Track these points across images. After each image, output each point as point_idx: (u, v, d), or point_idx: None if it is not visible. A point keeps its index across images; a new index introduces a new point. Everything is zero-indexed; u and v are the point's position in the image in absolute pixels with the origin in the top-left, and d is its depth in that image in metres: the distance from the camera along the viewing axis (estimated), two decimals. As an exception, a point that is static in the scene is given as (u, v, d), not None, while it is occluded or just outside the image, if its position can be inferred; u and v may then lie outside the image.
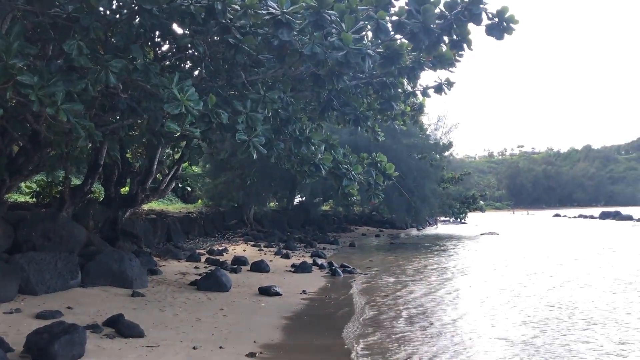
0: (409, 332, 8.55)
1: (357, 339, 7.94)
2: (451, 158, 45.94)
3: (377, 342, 7.83)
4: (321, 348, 7.55)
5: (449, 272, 16.34)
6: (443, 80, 9.41)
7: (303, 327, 8.70)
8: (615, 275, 14.93)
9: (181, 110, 6.36)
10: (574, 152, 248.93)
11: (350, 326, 8.80)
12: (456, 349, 7.56)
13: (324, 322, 9.11)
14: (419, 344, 7.81)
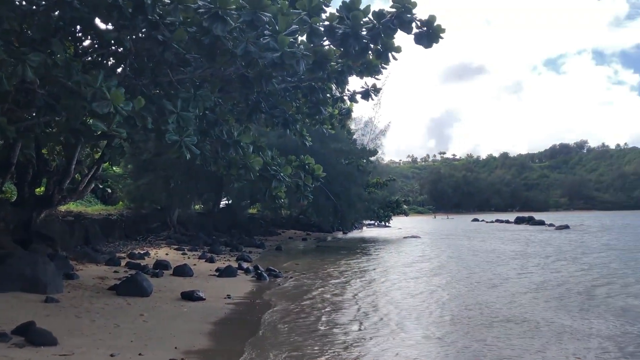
0: (330, 335, 8.61)
1: (270, 343, 7.91)
2: (377, 163, 46.90)
3: (291, 344, 7.83)
4: (243, 353, 7.46)
5: (372, 274, 16.66)
6: (370, 87, 9.59)
7: (226, 332, 8.57)
8: (527, 278, 15.75)
9: (110, 110, 6.10)
10: (492, 159, 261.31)
11: (267, 329, 8.78)
12: (376, 350, 7.69)
13: (248, 327, 9.01)
14: (342, 346, 7.89)
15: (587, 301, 11.77)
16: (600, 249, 25.68)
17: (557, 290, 13.27)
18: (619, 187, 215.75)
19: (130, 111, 6.44)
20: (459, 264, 19.70)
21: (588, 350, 7.69)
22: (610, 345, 8.01)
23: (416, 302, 11.81)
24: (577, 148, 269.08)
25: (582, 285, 13.99)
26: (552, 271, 17.30)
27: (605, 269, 17.68)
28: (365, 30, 7.23)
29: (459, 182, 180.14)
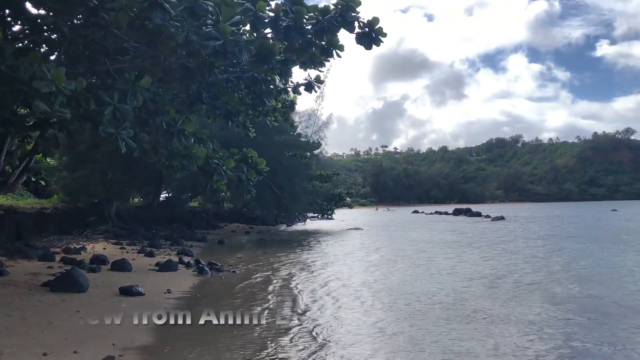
0: (272, 327, 8.61)
1: (210, 339, 7.84)
2: (321, 156, 47.14)
3: (232, 338, 7.79)
4: (184, 349, 7.34)
5: (315, 266, 16.77)
6: (313, 78, 9.60)
7: (167, 327, 8.41)
8: (463, 267, 16.28)
9: (51, 89, 5.81)
10: (431, 153, 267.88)
11: (209, 324, 8.69)
12: (319, 340, 7.75)
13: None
14: (283, 338, 7.90)
15: (518, 289, 12.30)
16: (533, 239, 26.86)
17: (491, 279, 13.81)
18: (551, 180, 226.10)
19: (72, 91, 6.17)
20: (399, 255, 20.15)
21: (520, 336, 8.03)
22: (541, 330, 8.39)
23: (357, 291, 11.99)
24: (513, 142, 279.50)
25: (515, 274, 14.62)
26: (486, 260, 18.00)
27: (537, 258, 18.53)
28: (309, 26, 7.22)
29: (400, 175, 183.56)
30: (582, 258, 18.52)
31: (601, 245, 22.83)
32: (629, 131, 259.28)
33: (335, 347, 7.51)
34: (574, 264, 16.83)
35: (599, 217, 56.41)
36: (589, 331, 8.36)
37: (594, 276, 14.20)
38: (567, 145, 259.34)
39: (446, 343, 7.71)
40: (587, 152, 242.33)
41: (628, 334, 8.16)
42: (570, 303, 10.61)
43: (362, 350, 7.40)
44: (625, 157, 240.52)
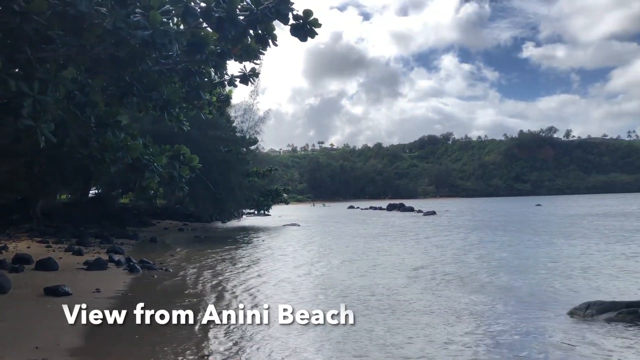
0: (205, 327, 8.46)
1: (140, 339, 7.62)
2: (257, 152, 46.72)
3: (163, 338, 7.60)
4: (111, 351, 7.09)
5: (251, 263, 16.63)
6: (249, 71, 9.46)
7: (94, 328, 8.07)
8: (397, 260, 16.64)
9: None
10: (367, 149, 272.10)
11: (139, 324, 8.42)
12: (257, 339, 7.69)
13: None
14: (217, 337, 7.78)
15: (443, 279, 12.71)
16: (461, 233, 27.84)
17: (419, 270, 14.23)
18: (480, 176, 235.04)
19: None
20: (332, 249, 20.37)
21: (445, 325, 8.27)
22: (472, 319, 8.68)
23: (290, 286, 11.99)
24: (444, 139, 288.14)
25: (442, 265, 15.10)
26: (416, 252, 18.53)
27: (462, 250, 19.23)
28: (242, 16, 7.10)
29: (337, 171, 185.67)
30: (504, 250, 19.40)
31: (524, 237, 23.96)
32: (552, 129, 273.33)
33: (266, 342, 7.47)
34: (496, 255, 17.63)
35: (525, 211, 59.12)
36: (507, 319, 8.71)
37: (515, 267, 14.87)
38: (495, 143, 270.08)
39: (378, 335, 7.82)
40: (514, 150, 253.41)
41: (542, 322, 8.56)
42: (491, 292, 11.05)
43: (293, 344, 7.39)
44: (548, 154, 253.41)
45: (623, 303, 8.76)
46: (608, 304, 8.81)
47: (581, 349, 7.00)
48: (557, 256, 17.41)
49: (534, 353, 6.88)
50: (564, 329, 8.09)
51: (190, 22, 7.01)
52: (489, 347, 7.18)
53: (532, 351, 6.96)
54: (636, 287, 11.42)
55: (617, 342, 7.23)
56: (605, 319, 8.35)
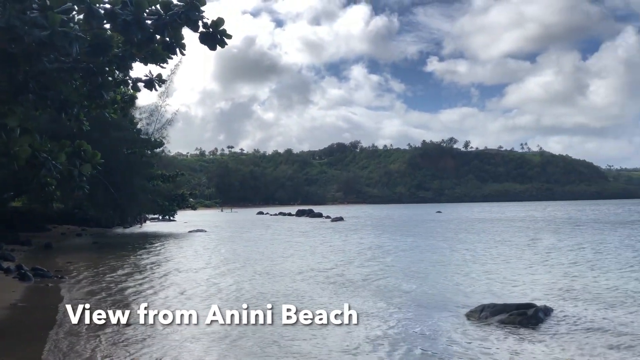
0: (102, 337, 8.16)
1: (32, 349, 7.24)
2: (163, 155, 45.35)
3: (59, 351, 7.26)
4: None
5: (152, 271, 16.11)
6: (154, 76, 9.23)
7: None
8: (303, 264, 16.81)
9: None
10: (277, 155, 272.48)
11: (30, 335, 7.98)
12: (155, 350, 7.51)
13: (4, 334, 8.03)
14: (115, 348, 7.52)
15: (349, 283, 13.02)
16: (365, 237, 28.60)
17: (324, 275, 14.48)
18: (385, 183, 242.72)
19: None
20: (241, 256, 20.23)
21: (350, 329, 8.49)
22: (371, 323, 8.97)
23: (197, 295, 11.78)
24: (352, 147, 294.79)
25: (349, 270, 15.44)
26: (324, 257, 18.80)
27: (368, 255, 19.76)
28: (150, 20, 6.94)
29: (246, 176, 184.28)
30: (405, 254, 20.23)
31: (424, 242, 25.04)
32: (452, 140, 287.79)
33: (165, 351, 7.32)
34: (397, 260, 18.36)
35: (426, 217, 61.78)
36: (406, 323, 9.06)
37: (414, 270, 15.48)
38: (400, 152, 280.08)
39: (288, 343, 7.88)
40: (417, 159, 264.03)
41: (441, 325, 9.03)
42: (390, 296, 11.44)
43: (191, 354, 7.30)
44: (449, 163, 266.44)
45: (513, 305, 9.40)
46: (500, 306, 9.43)
47: (476, 351, 7.41)
48: (454, 259, 18.36)
49: (432, 356, 7.21)
50: (461, 331, 8.52)
51: (94, 24, 6.75)
52: (387, 350, 7.42)
53: (430, 354, 7.27)
54: (524, 289, 12.28)
55: (508, 343, 7.74)
56: (498, 320, 8.92)
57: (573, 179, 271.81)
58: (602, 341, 7.71)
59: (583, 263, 16.82)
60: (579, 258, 18.21)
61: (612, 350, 7.23)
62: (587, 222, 44.51)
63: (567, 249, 21.52)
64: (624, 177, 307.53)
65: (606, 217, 54.17)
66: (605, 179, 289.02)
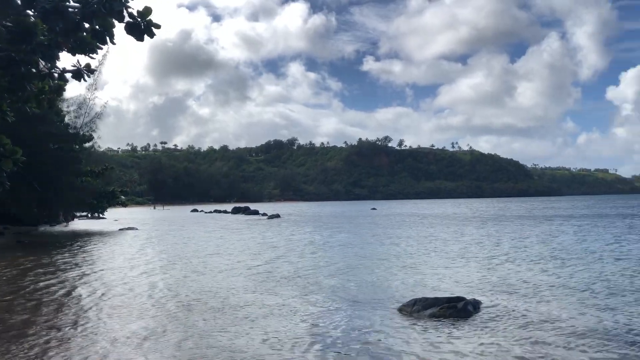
0: (24, 340, 7.76)
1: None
2: (92, 150, 43.56)
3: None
4: None
5: (79, 271, 15.46)
6: (83, 66, 8.84)
7: None
8: (235, 263, 16.65)
9: None
10: (212, 151, 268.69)
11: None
12: (83, 353, 7.22)
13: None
14: (38, 350, 7.17)
15: (281, 279, 13.02)
16: (300, 234, 28.71)
17: (256, 272, 14.45)
18: (322, 180, 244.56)
19: None
20: (170, 254, 19.78)
21: (282, 326, 8.50)
22: (304, 319, 9.00)
23: (128, 296, 11.42)
24: (289, 144, 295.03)
25: (281, 266, 15.43)
26: (257, 254, 18.67)
27: (304, 252, 19.83)
28: (73, 9, 6.63)
29: (180, 173, 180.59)
30: (339, 249, 20.38)
31: (358, 238, 25.42)
32: (387, 139, 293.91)
33: (100, 355, 7.06)
34: (331, 255, 18.48)
35: (361, 214, 62.74)
36: (339, 319, 9.13)
37: (348, 265, 15.65)
38: (336, 150, 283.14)
39: (217, 339, 7.77)
40: (353, 157, 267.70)
41: (373, 320, 9.19)
42: (324, 292, 11.52)
43: (127, 356, 7.08)
44: (383, 161, 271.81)
45: (444, 299, 9.68)
46: (432, 299, 9.68)
47: (408, 344, 7.57)
48: (386, 255, 18.70)
49: (364, 351, 7.27)
50: (393, 325, 8.67)
51: (10, 11, 6.38)
52: (320, 346, 7.43)
53: (362, 349, 7.33)
54: (455, 282, 12.66)
55: (438, 336, 7.94)
56: (429, 314, 9.15)
57: (501, 177, 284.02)
58: (528, 331, 8.07)
59: (509, 257, 17.57)
60: (505, 252, 19.00)
61: (538, 340, 7.58)
62: (511, 218, 46.62)
63: (494, 244, 22.43)
64: (547, 176, 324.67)
65: (529, 213, 56.94)
66: (531, 177, 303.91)
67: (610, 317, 8.92)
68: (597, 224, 35.81)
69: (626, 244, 21.22)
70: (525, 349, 7.17)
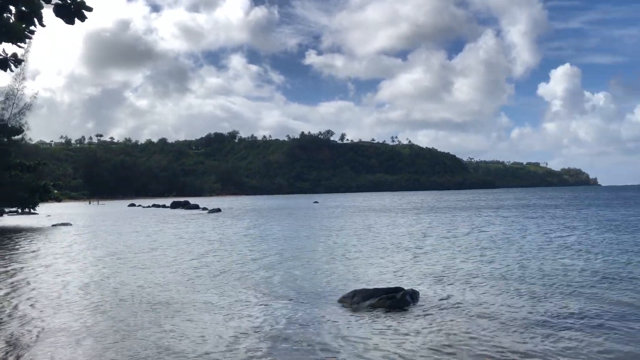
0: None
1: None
2: (23, 143, 41.57)
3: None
4: None
5: (9, 269, 14.80)
6: (9, 55, 8.42)
7: None
8: (172, 259, 16.36)
9: None
10: (150, 144, 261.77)
11: None
12: (23, 353, 6.92)
13: None
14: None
15: (224, 276, 12.90)
16: (241, 228, 28.51)
17: (194, 266, 14.31)
18: (264, 174, 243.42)
19: None
20: (107, 251, 19.19)
21: (222, 321, 8.44)
22: (248, 315, 8.97)
23: (58, 292, 11.03)
24: (230, 137, 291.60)
25: (223, 262, 15.30)
26: (198, 249, 18.41)
27: (244, 246, 19.73)
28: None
29: (117, 167, 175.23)
30: (281, 243, 20.37)
31: (301, 231, 25.50)
32: (329, 132, 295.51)
33: (33, 354, 6.80)
34: (273, 249, 18.40)
35: (303, 207, 62.89)
36: (282, 313, 9.17)
37: (290, 259, 15.70)
38: (279, 143, 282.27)
39: (148, 335, 7.62)
40: (296, 150, 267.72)
41: (315, 313, 9.27)
42: (268, 286, 11.52)
43: (64, 355, 6.85)
44: (326, 155, 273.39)
45: (383, 290, 9.86)
46: (371, 291, 9.85)
47: (349, 335, 7.66)
48: (326, 247, 18.87)
49: (304, 345, 7.29)
50: (333, 318, 8.72)
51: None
52: (258, 342, 7.40)
53: (302, 343, 7.35)
54: (392, 272, 12.93)
55: (378, 328, 8.10)
56: (368, 305, 9.31)
57: (438, 170, 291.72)
58: (463, 319, 8.36)
59: (443, 247, 18.13)
60: (440, 243, 19.58)
61: (472, 328, 7.88)
62: (447, 209, 48.02)
63: (430, 235, 23.03)
64: (482, 169, 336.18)
65: (464, 204, 58.83)
66: (467, 170, 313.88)
67: (536, 303, 9.38)
68: (525, 214, 37.54)
69: (550, 233, 22.40)
70: (460, 337, 7.43)
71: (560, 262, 14.14)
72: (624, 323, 7.95)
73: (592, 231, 23.10)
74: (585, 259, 14.65)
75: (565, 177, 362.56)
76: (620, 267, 13.15)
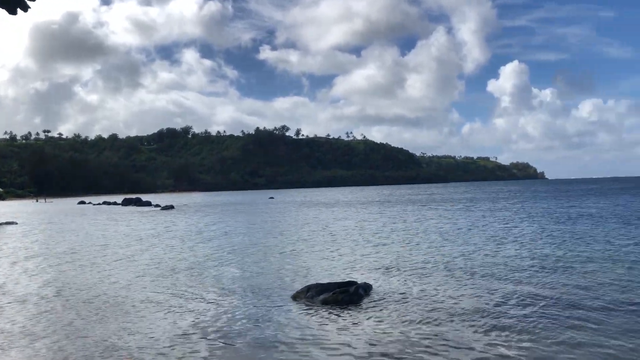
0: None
1: None
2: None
3: None
4: None
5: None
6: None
7: None
8: (119, 257, 16.08)
9: None
10: (101, 140, 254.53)
11: None
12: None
13: None
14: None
15: (177, 273, 12.76)
16: (197, 225, 28.21)
17: (145, 263, 14.17)
18: (219, 170, 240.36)
19: None
20: (53, 250, 18.66)
21: (181, 319, 8.40)
22: (201, 312, 8.94)
23: (7, 295, 10.70)
24: (184, 133, 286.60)
25: (177, 259, 15.10)
26: (144, 249, 18.08)
27: (196, 243, 19.53)
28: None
29: (66, 163, 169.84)
30: (236, 239, 20.22)
31: (251, 227, 25.45)
32: (285, 128, 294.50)
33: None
34: (227, 246, 18.27)
35: (258, 203, 62.59)
36: (236, 309, 9.14)
37: (245, 255, 15.65)
38: (233, 139, 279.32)
39: (94, 334, 7.51)
40: (250, 146, 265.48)
41: (269, 308, 9.32)
42: (221, 283, 11.47)
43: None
44: (281, 150, 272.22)
45: (336, 284, 9.98)
46: (324, 285, 9.93)
47: (302, 330, 7.73)
48: (279, 243, 18.88)
49: (257, 342, 7.31)
50: (287, 312, 8.81)
51: None
52: (211, 340, 7.38)
53: (255, 340, 7.37)
54: (344, 265, 13.11)
55: (331, 322, 8.16)
56: (322, 299, 9.39)
57: (392, 165, 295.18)
58: (414, 311, 8.58)
59: (393, 240, 18.48)
60: (390, 236, 19.95)
61: (424, 318, 8.10)
62: (398, 203, 48.84)
63: (382, 228, 23.40)
64: (434, 164, 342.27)
65: (416, 198, 59.91)
66: (419, 165, 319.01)
67: (483, 292, 9.74)
68: (472, 208, 38.62)
69: (495, 224, 23.28)
70: (410, 328, 7.62)
71: (504, 253, 14.69)
72: (565, 310, 8.34)
73: (535, 223, 24.02)
74: (528, 249, 15.29)
75: (514, 171, 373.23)
76: (560, 257, 13.77)
